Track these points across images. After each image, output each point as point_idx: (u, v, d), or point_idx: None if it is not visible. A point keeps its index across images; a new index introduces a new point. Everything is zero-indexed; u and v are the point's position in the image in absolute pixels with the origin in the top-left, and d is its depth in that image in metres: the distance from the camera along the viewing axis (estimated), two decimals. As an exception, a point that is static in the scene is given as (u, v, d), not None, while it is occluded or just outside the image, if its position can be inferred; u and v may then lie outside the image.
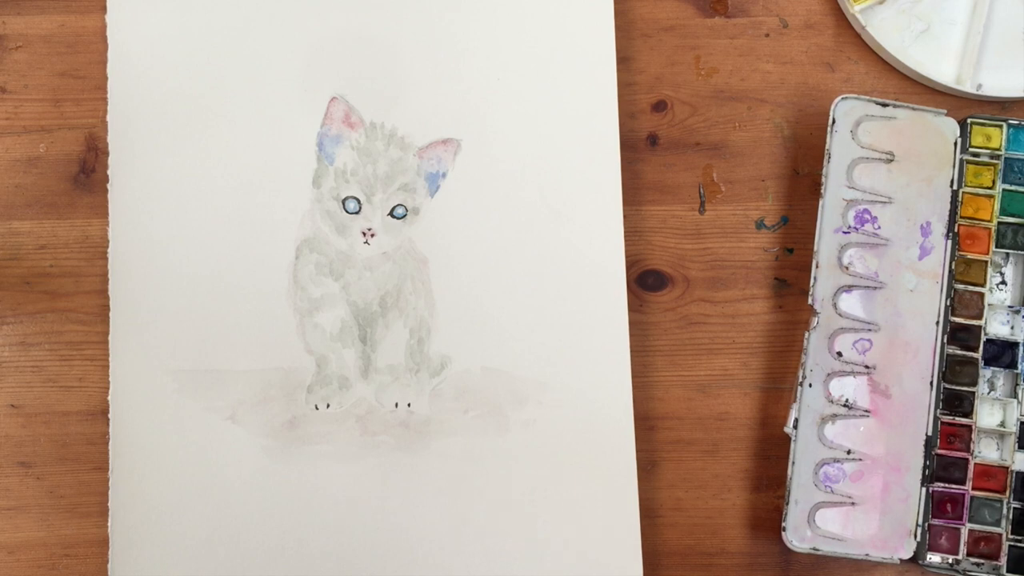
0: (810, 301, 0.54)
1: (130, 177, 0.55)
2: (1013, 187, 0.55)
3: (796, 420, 0.53)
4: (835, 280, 0.54)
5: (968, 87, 0.57)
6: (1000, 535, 0.53)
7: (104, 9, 0.56)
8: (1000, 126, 0.55)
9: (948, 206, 0.54)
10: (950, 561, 0.53)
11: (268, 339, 0.54)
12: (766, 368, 0.56)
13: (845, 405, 0.53)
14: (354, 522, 0.53)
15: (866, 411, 0.53)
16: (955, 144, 0.55)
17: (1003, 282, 0.55)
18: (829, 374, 0.53)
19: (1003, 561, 0.53)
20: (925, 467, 0.53)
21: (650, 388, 0.56)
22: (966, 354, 0.54)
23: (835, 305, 0.54)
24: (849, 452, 0.53)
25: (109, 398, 0.54)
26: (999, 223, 0.55)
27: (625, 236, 0.55)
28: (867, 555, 0.53)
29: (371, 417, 0.54)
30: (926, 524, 0.53)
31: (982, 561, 0.53)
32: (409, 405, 0.54)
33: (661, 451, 0.56)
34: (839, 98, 0.54)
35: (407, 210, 0.55)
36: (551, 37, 0.56)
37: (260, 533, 0.53)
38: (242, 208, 0.55)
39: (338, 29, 0.56)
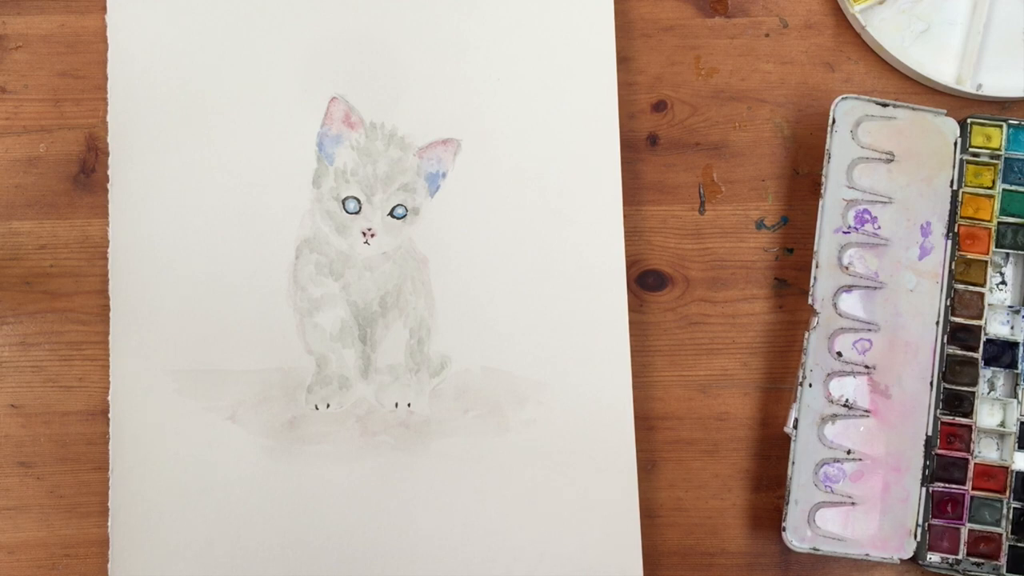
0: (810, 301, 0.54)
1: (130, 177, 0.55)
2: (1013, 187, 0.55)
3: (796, 420, 0.53)
4: (835, 280, 0.54)
5: (968, 87, 0.57)
6: (1000, 535, 0.53)
7: (104, 9, 0.56)
8: (1000, 126, 0.55)
9: (948, 206, 0.54)
10: (950, 561, 0.53)
11: (268, 339, 0.54)
12: (766, 368, 0.56)
13: (845, 405, 0.53)
14: (354, 522, 0.53)
15: (866, 411, 0.53)
16: (955, 144, 0.55)
17: (1003, 282, 0.55)
18: (829, 374, 0.53)
19: (1003, 561, 0.53)
20: (925, 467, 0.53)
21: (650, 388, 0.56)
22: (966, 354, 0.54)
23: (835, 305, 0.54)
24: (849, 452, 0.53)
25: (109, 398, 0.54)
26: (999, 223, 0.55)
27: (625, 236, 0.55)
28: (867, 555, 0.53)
29: (371, 417, 0.54)
30: (926, 524, 0.53)
31: (982, 561, 0.53)
32: (409, 405, 0.54)
33: (661, 451, 0.56)
34: (839, 98, 0.54)
35: (407, 210, 0.55)
36: (551, 37, 0.56)
37: (260, 533, 0.53)
38: (242, 208, 0.55)
39: (338, 29, 0.56)
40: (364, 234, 0.55)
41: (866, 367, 0.53)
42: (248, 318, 0.54)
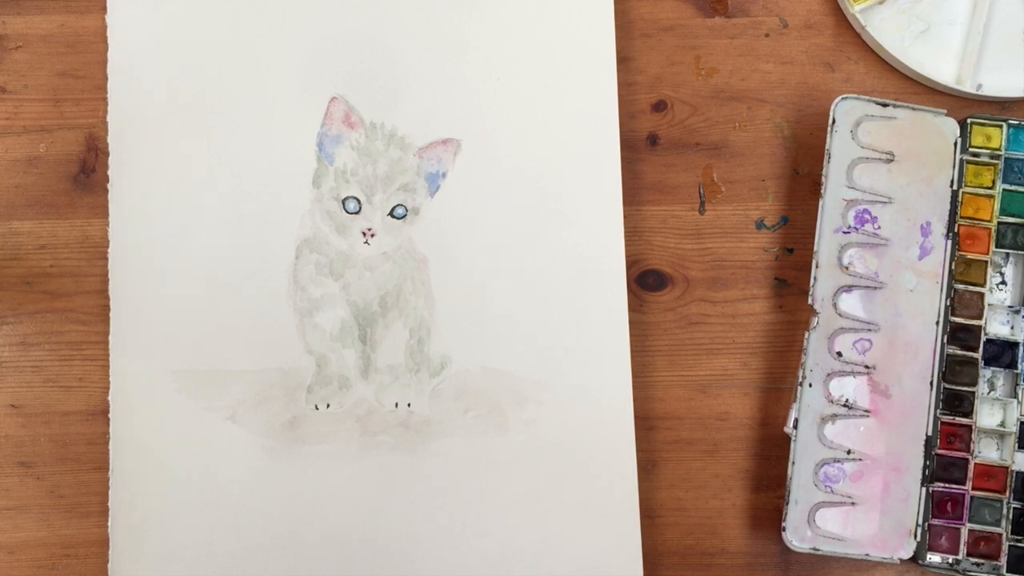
0: (810, 301, 0.54)
1: (130, 177, 0.55)
2: (1013, 187, 0.55)
3: (796, 420, 0.53)
4: (835, 280, 0.54)
5: (968, 87, 0.57)
6: (1000, 535, 0.53)
7: (104, 9, 0.56)
8: (1000, 126, 0.55)
9: (948, 206, 0.54)
10: (950, 561, 0.53)
11: (268, 339, 0.54)
12: (766, 368, 0.56)
13: (845, 405, 0.53)
14: (354, 522, 0.53)
15: (866, 411, 0.53)
16: (955, 144, 0.55)
17: (1003, 282, 0.55)
18: (829, 374, 0.53)
19: (1003, 561, 0.53)
20: (925, 467, 0.53)
21: (650, 388, 0.56)
22: (966, 354, 0.54)
23: (835, 305, 0.54)
24: (849, 452, 0.53)
25: (109, 398, 0.54)
26: (999, 223, 0.55)
27: (625, 236, 0.55)
28: (867, 555, 0.53)
29: (371, 417, 0.54)
30: (926, 524, 0.53)
31: (982, 561, 0.53)
32: (409, 405, 0.54)
33: (661, 451, 0.56)
34: (839, 98, 0.54)
35: (407, 210, 0.55)
36: (551, 37, 0.56)
37: (260, 533, 0.53)
38: (242, 208, 0.55)
39: (338, 29, 0.56)
40: (364, 234, 0.55)
41: (866, 367, 0.53)
42: (248, 318, 0.54)
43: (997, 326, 0.55)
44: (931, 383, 0.54)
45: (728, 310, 0.57)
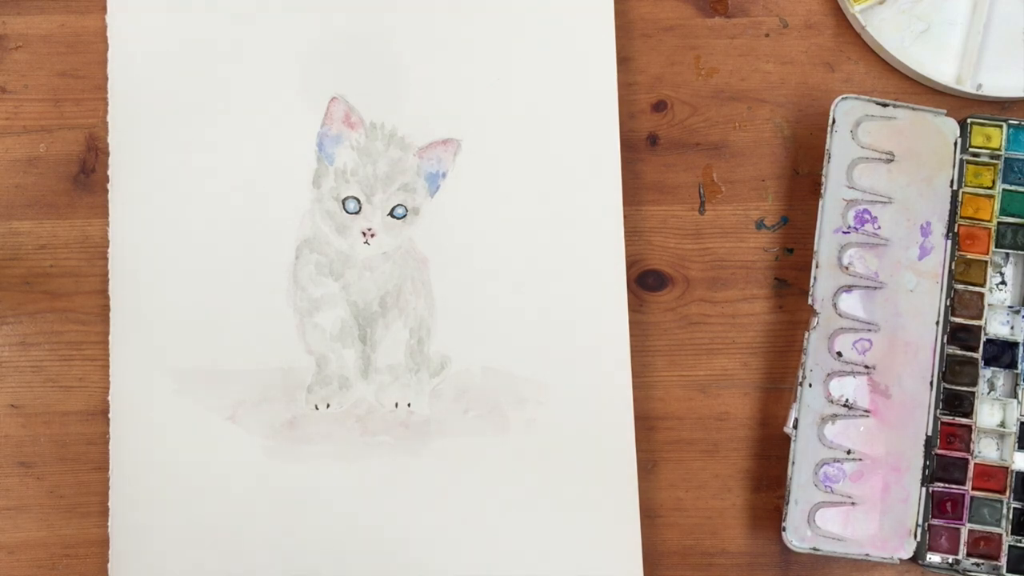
0: (810, 301, 0.54)
1: (130, 177, 0.55)
2: (1013, 187, 0.55)
3: (796, 420, 0.53)
4: (835, 280, 0.54)
5: (968, 87, 0.57)
6: (1000, 535, 0.53)
7: (104, 9, 0.56)
8: (1000, 126, 0.55)
9: (948, 206, 0.54)
10: (950, 561, 0.53)
11: (268, 339, 0.54)
12: (766, 368, 0.56)
13: (845, 405, 0.53)
14: (354, 522, 0.53)
15: (866, 411, 0.53)
16: (955, 144, 0.55)
17: (1003, 282, 0.55)
18: (829, 374, 0.53)
19: (1003, 561, 0.53)
20: (925, 467, 0.53)
21: (650, 388, 0.56)
22: (966, 354, 0.54)
23: (835, 305, 0.54)
24: (849, 452, 0.53)
25: (109, 398, 0.54)
26: (999, 223, 0.55)
27: (625, 236, 0.55)
28: (867, 555, 0.53)
29: (371, 417, 0.54)
30: (926, 524, 0.53)
31: (982, 561, 0.53)
32: (409, 405, 0.54)
33: (661, 451, 0.56)
34: (839, 98, 0.54)
35: (407, 210, 0.55)
36: (551, 37, 0.56)
37: (260, 533, 0.53)
38: (242, 208, 0.55)
39: (338, 29, 0.56)
40: (364, 234, 0.55)
41: (866, 367, 0.53)
42: (248, 318, 0.54)
43: (997, 326, 0.55)
44: (931, 383, 0.54)
45: (728, 310, 0.57)
